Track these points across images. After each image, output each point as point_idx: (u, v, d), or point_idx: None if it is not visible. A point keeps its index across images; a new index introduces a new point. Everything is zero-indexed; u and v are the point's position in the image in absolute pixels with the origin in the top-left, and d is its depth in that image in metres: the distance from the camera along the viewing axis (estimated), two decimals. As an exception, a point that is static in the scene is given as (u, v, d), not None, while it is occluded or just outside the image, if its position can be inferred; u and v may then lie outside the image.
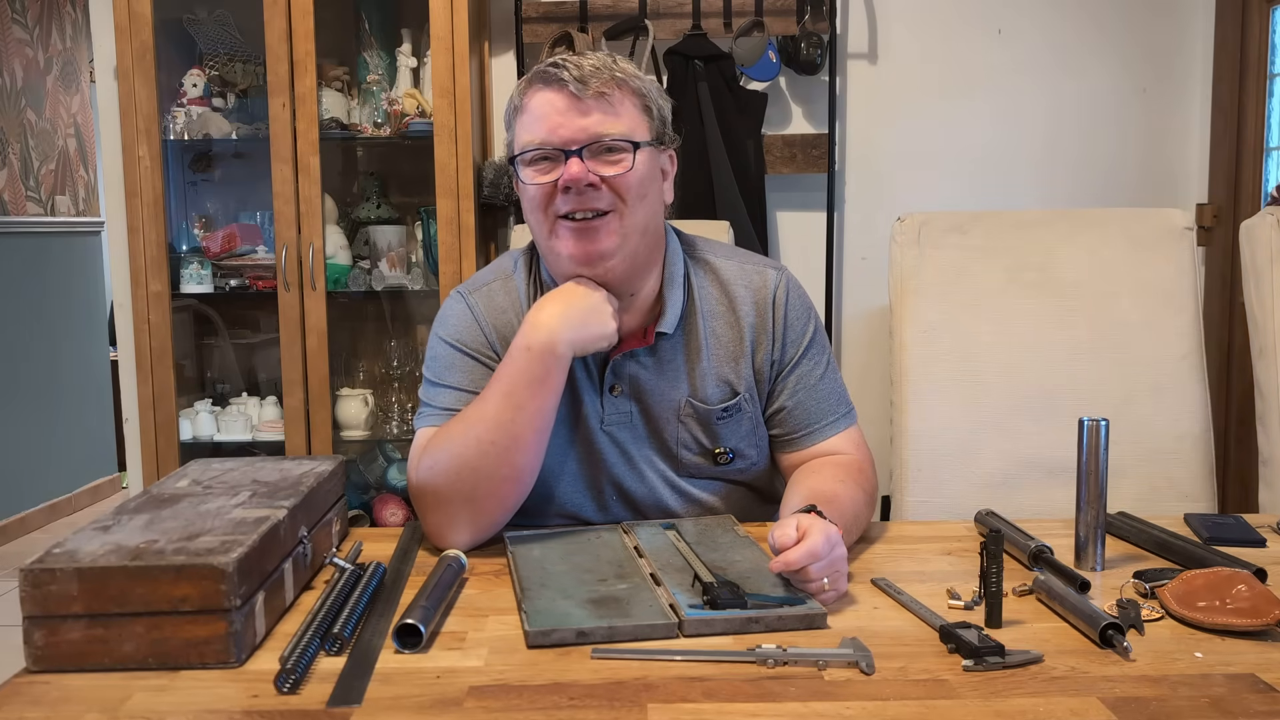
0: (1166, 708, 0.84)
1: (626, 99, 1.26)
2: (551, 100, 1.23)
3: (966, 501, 1.64)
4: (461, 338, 1.34)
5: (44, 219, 4.25)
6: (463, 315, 1.36)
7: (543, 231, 1.28)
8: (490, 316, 1.35)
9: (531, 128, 1.25)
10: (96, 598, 0.89)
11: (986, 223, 1.83)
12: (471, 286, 1.39)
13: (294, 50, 2.56)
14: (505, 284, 1.38)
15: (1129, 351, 1.73)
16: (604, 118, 1.23)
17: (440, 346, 1.36)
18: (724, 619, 0.99)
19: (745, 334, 1.36)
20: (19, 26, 4.14)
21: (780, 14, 2.73)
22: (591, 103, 1.23)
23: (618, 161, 1.24)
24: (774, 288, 1.37)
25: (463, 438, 1.23)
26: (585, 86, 1.22)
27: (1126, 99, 2.89)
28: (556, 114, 1.23)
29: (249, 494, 1.11)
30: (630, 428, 1.35)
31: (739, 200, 2.63)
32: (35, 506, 4.16)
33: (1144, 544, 1.25)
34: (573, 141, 1.22)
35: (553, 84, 1.24)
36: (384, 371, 2.85)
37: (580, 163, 1.22)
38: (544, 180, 1.24)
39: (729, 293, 1.37)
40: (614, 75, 1.25)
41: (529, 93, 1.26)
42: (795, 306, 1.38)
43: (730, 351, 1.35)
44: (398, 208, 2.85)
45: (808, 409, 1.37)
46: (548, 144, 1.23)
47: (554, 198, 1.24)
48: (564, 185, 1.22)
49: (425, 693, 0.87)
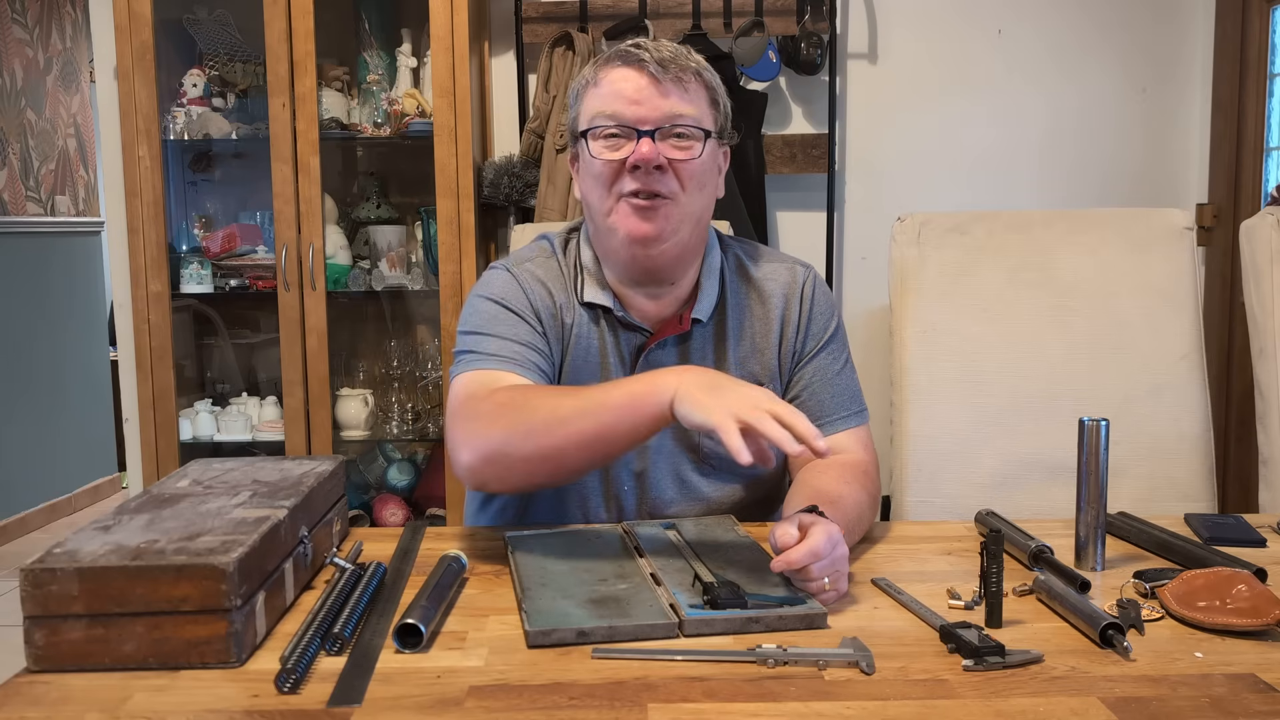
0: (1166, 708, 0.84)
1: (700, 88, 1.29)
2: (631, 78, 1.26)
3: (966, 501, 1.64)
4: (507, 297, 1.35)
5: (44, 219, 4.25)
6: (508, 282, 1.37)
7: (603, 207, 1.29)
8: (532, 287, 1.36)
9: (608, 102, 1.27)
10: (97, 597, 0.89)
11: (986, 223, 1.83)
12: (513, 261, 1.41)
13: (294, 50, 2.56)
14: (546, 262, 1.40)
15: (1129, 351, 1.73)
16: (680, 101, 1.26)
17: (483, 304, 1.35)
18: (724, 619, 0.99)
19: (773, 327, 1.39)
20: (19, 26, 4.14)
21: (780, 14, 2.73)
22: (670, 85, 1.26)
23: (687, 147, 1.27)
24: (802, 282, 1.41)
25: (545, 420, 1.15)
26: (665, 70, 1.25)
27: (1126, 99, 2.89)
28: (635, 91, 1.25)
29: (249, 494, 1.11)
30: None
31: (739, 200, 2.63)
32: (35, 506, 4.16)
33: (1144, 544, 1.25)
34: (646, 120, 1.25)
35: (633, 63, 1.26)
36: (384, 371, 2.86)
37: (652, 143, 1.24)
38: (613, 157, 1.26)
39: (761, 288, 1.40)
40: (691, 64, 1.28)
41: (606, 68, 1.29)
42: (820, 302, 1.41)
43: (757, 344, 1.38)
44: (398, 208, 2.86)
45: (821, 401, 1.38)
46: (622, 120, 1.25)
47: (620, 175, 1.26)
48: (633, 164, 1.24)
49: (426, 692, 0.87)
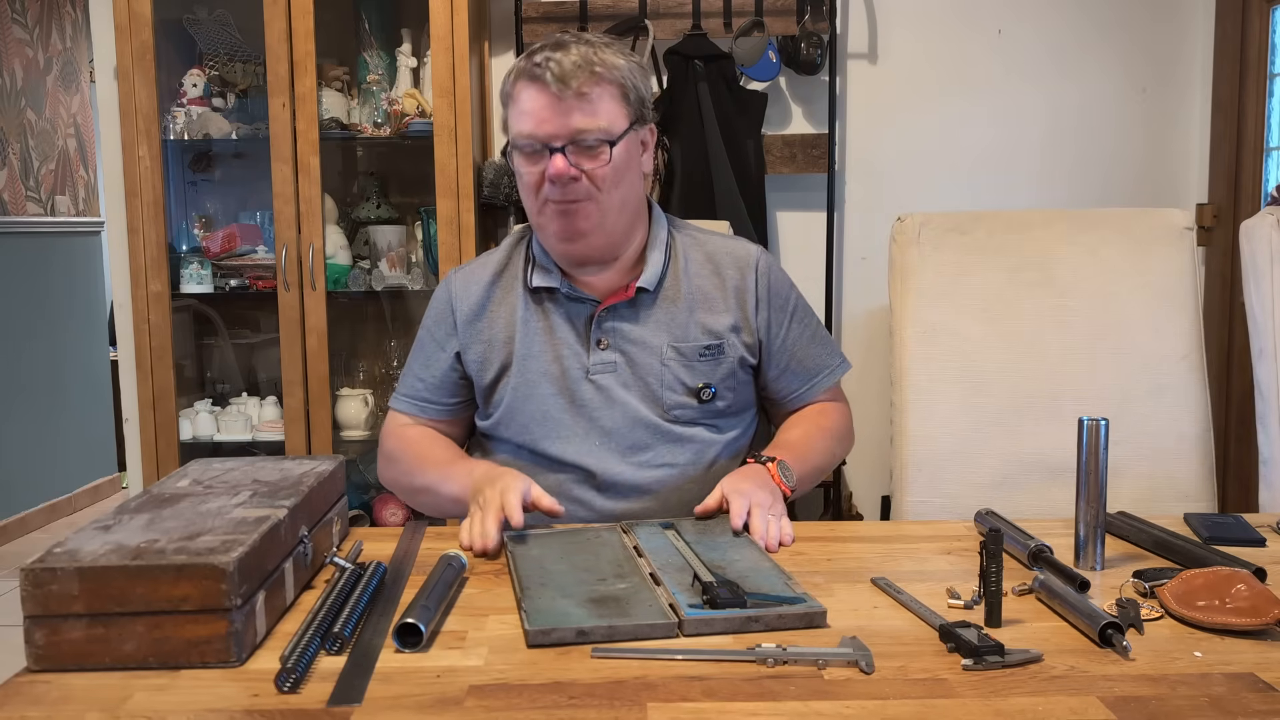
0: (1166, 707, 0.84)
1: (605, 92, 1.35)
2: (535, 96, 1.34)
3: (966, 501, 1.64)
4: (435, 321, 1.52)
5: (44, 219, 4.25)
6: (440, 297, 1.53)
7: (533, 210, 1.42)
8: (464, 292, 1.50)
9: (522, 120, 1.36)
10: (97, 597, 0.90)
11: (986, 223, 1.83)
12: (464, 264, 1.57)
13: (294, 50, 2.56)
14: (495, 257, 1.52)
15: (1129, 352, 1.73)
16: (583, 116, 1.33)
17: (421, 329, 1.55)
18: (724, 618, 0.99)
19: (729, 291, 1.47)
20: (19, 26, 4.14)
21: (780, 14, 2.73)
22: (572, 101, 1.33)
23: (595, 156, 1.35)
24: (756, 257, 1.51)
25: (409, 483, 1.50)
26: (565, 85, 1.32)
27: (1126, 99, 2.89)
28: (541, 110, 1.34)
29: (249, 494, 1.11)
30: (615, 374, 1.44)
31: (739, 200, 2.63)
32: (35, 506, 4.16)
33: (1144, 544, 1.26)
34: (556, 137, 1.34)
35: (535, 80, 1.34)
36: (384, 371, 2.86)
37: (563, 158, 1.33)
38: (534, 169, 1.37)
39: (713, 259, 1.49)
40: (593, 71, 1.34)
41: (518, 84, 1.37)
42: (776, 275, 1.52)
43: (711, 304, 1.47)
44: (398, 208, 2.86)
45: (805, 366, 1.53)
46: (535, 137, 1.35)
47: (542, 183, 1.36)
48: (549, 179, 1.35)
49: (425, 692, 0.87)
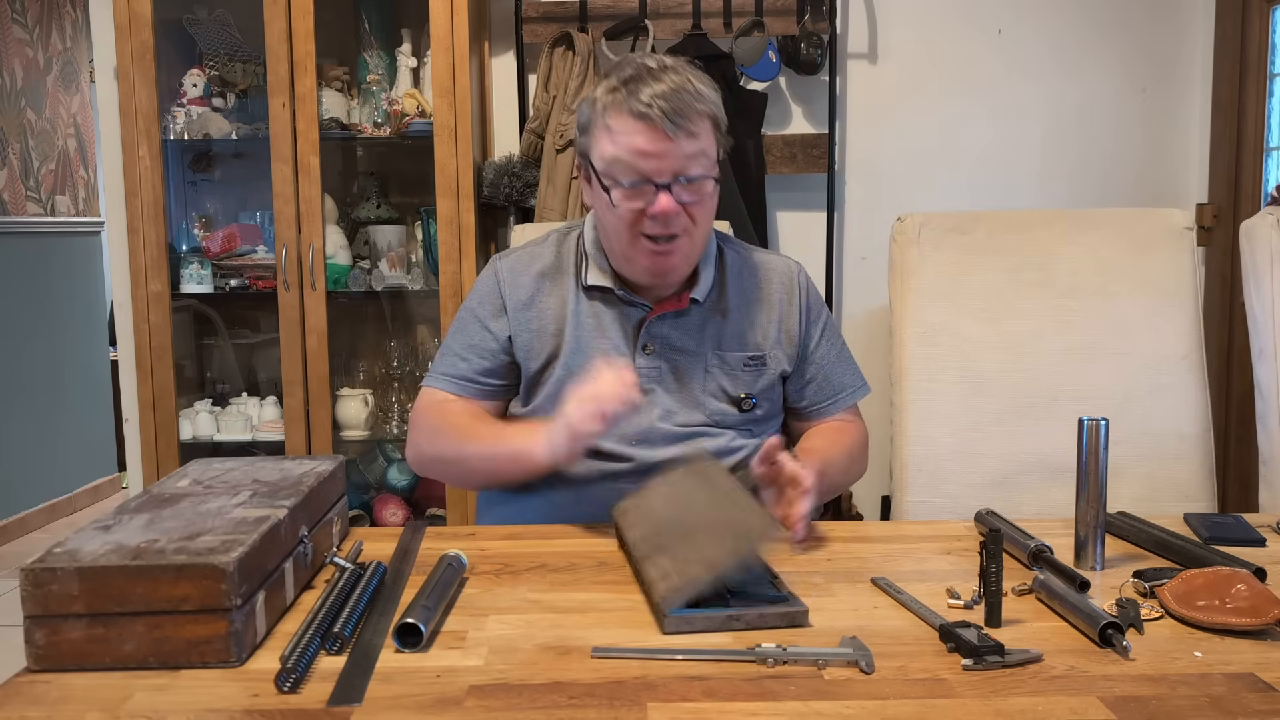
0: (1166, 707, 0.84)
1: (705, 123, 1.34)
2: (643, 131, 1.31)
3: (966, 501, 1.64)
4: (481, 302, 1.49)
5: (44, 219, 4.25)
6: (487, 280, 1.50)
7: (623, 240, 1.38)
8: (512, 279, 1.48)
9: (622, 153, 1.32)
10: (97, 597, 0.90)
11: (986, 223, 1.83)
12: (510, 252, 1.54)
13: (294, 50, 2.56)
14: (542, 250, 1.50)
15: (1129, 351, 1.73)
16: (691, 154, 1.32)
17: (463, 310, 1.52)
18: (704, 616, 1.00)
19: (776, 304, 1.50)
20: (19, 26, 4.14)
21: (780, 14, 2.73)
22: (683, 141, 1.31)
23: (699, 189, 1.35)
24: (796, 272, 1.55)
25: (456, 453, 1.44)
26: (675, 124, 1.30)
27: (1126, 99, 2.89)
28: (649, 146, 1.31)
29: (249, 494, 1.11)
30: (660, 380, 1.45)
31: (739, 200, 2.62)
32: (35, 506, 4.16)
33: (1144, 544, 1.26)
34: (662, 173, 1.32)
35: (643, 119, 1.30)
36: (384, 371, 2.86)
37: (669, 197, 1.32)
38: (634, 206, 1.34)
39: (758, 273, 1.52)
40: (696, 107, 1.32)
41: (617, 116, 1.33)
42: (813, 293, 1.56)
43: (756, 317, 1.49)
44: (398, 208, 2.86)
45: (832, 382, 1.54)
46: (640, 173, 1.32)
47: (640, 219, 1.35)
48: (653, 215, 1.33)
49: (425, 692, 0.88)
